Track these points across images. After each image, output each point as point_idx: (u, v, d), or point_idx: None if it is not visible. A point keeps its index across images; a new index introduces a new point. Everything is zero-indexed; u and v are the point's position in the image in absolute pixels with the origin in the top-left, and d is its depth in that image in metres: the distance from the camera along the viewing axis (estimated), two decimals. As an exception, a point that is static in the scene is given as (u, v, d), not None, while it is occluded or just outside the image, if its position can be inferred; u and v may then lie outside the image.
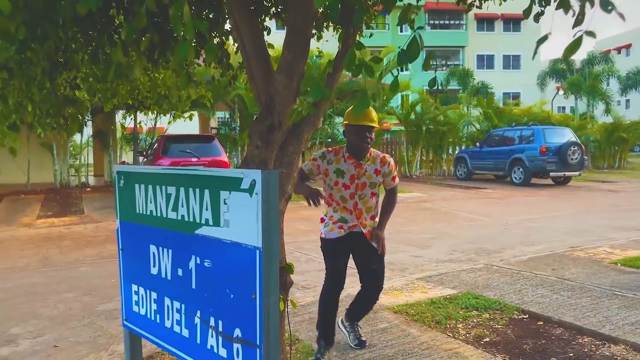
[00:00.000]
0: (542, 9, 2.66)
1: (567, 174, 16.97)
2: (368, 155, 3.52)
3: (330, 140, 19.85)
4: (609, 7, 1.56)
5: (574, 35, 1.61)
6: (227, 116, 19.72)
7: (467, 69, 29.78)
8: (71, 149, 18.97)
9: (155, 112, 7.73)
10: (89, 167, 20.67)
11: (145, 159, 14.66)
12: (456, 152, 21.76)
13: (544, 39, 1.99)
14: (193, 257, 1.97)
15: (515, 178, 17.28)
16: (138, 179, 2.26)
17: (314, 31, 4.69)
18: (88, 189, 16.66)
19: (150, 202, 2.18)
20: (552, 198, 14.06)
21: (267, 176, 1.64)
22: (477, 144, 19.78)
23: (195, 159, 12.81)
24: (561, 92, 29.75)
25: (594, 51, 32.32)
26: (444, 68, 39.81)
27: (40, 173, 16.91)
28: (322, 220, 3.74)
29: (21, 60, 2.55)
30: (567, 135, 17.26)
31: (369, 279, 3.67)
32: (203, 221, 1.89)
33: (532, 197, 14.33)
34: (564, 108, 41.18)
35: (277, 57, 2.80)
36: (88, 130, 18.19)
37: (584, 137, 22.27)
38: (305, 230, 9.53)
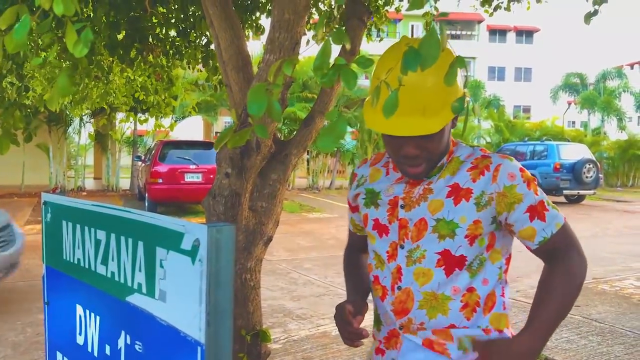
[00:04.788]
0: (597, 7, 2.10)
1: (582, 192, 16.33)
2: (444, 160, 1.37)
3: (336, 149, 19.30)
4: None
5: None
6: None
7: (478, 80, 29.17)
8: (72, 150, 18.49)
9: (132, 118, 7.20)
10: (89, 169, 20.21)
11: (143, 164, 14.17)
12: (465, 165, 21.13)
13: (594, 13, 1.48)
14: (123, 333, 1.41)
15: (527, 195, 16.64)
16: (66, 215, 1.70)
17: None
18: (84, 193, 16.17)
19: (78, 248, 1.62)
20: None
21: (217, 235, 1.08)
22: (488, 158, 19.15)
23: (194, 167, 12.31)
24: (573, 106, 29.09)
25: (608, 68, 31.62)
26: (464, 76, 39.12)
27: (36, 175, 16.43)
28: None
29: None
30: (581, 152, 16.66)
31: None
32: (135, 285, 1.34)
33: (545, 216, 13.68)
34: (574, 123, 40.43)
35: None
36: (87, 131, 17.70)
37: (597, 153, 21.61)
38: (306, 246, 8.96)
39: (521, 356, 1.21)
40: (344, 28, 2.41)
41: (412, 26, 37.44)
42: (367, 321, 1.40)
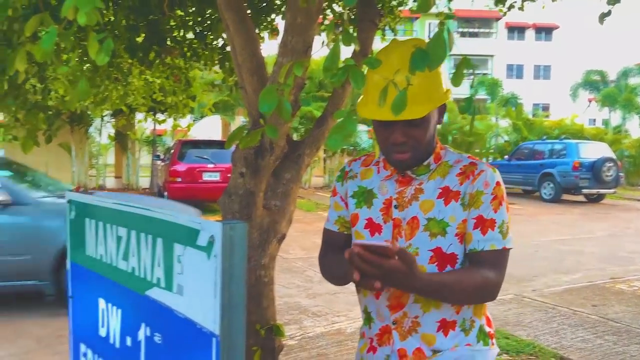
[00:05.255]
0: (610, 7, 2.12)
1: (601, 191, 16.11)
2: (431, 160, 1.45)
3: (352, 148, 19.32)
4: None
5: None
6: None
7: (496, 78, 28.93)
8: (94, 149, 18.82)
9: (150, 119, 7.33)
10: (110, 168, 20.55)
11: (162, 163, 14.37)
12: (483, 164, 20.96)
13: (607, 13, 1.79)
14: (143, 325, 1.48)
15: (545, 194, 16.48)
16: (89, 213, 1.79)
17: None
18: (105, 192, 16.43)
19: (100, 245, 1.70)
20: (585, 217, 13.26)
21: (231, 232, 1.15)
22: (506, 156, 19.00)
23: (212, 166, 12.45)
24: (594, 104, 28.69)
25: (629, 65, 31.08)
26: (471, 77, 38.87)
27: (58, 174, 16.73)
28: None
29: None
30: (601, 150, 16.41)
31: None
32: (154, 280, 1.41)
33: (563, 215, 13.55)
34: (594, 120, 39.82)
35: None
36: (107, 131, 17.98)
37: (618, 152, 21.28)
38: (321, 244, 9.02)
39: (402, 280, 1.25)
40: (352, 30, 2.47)
41: (430, 24, 37.25)
42: (357, 322, 1.45)
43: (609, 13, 2.18)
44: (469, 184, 1.39)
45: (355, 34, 2.39)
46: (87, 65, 3.43)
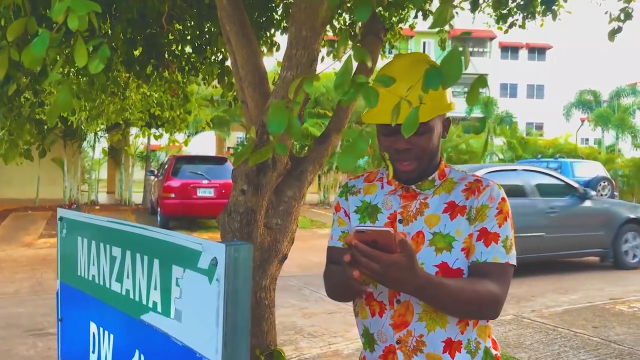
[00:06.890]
0: (620, 24, 2.08)
1: (596, 210, 16.13)
2: (436, 176, 1.43)
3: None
4: None
5: None
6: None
7: (491, 97, 29.14)
8: (86, 164, 18.69)
9: (147, 134, 7.25)
10: (102, 184, 20.40)
11: (156, 179, 14.26)
12: (478, 182, 21.03)
13: (618, 30, 1.81)
14: (137, 352, 1.39)
15: (540, 212, 16.49)
16: (81, 231, 1.70)
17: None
18: (97, 207, 16.27)
19: (93, 265, 1.61)
20: (581, 236, 13.23)
21: (235, 254, 1.06)
22: (500, 175, 19.04)
23: (206, 182, 12.35)
24: (587, 123, 28.91)
25: (622, 85, 31.45)
26: (464, 95, 39.12)
27: (50, 189, 16.60)
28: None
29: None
30: (596, 170, 16.49)
31: None
32: (150, 304, 1.32)
33: (559, 234, 13.51)
34: (587, 140, 40.11)
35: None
36: (101, 145, 17.89)
37: (612, 171, 21.38)
38: (318, 262, 8.88)
39: (401, 277, 1.18)
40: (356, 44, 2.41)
41: (424, 43, 37.58)
42: (355, 343, 1.38)
43: (619, 29, 2.15)
44: (475, 198, 1.37)
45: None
46: (84, 79, 3.37)
